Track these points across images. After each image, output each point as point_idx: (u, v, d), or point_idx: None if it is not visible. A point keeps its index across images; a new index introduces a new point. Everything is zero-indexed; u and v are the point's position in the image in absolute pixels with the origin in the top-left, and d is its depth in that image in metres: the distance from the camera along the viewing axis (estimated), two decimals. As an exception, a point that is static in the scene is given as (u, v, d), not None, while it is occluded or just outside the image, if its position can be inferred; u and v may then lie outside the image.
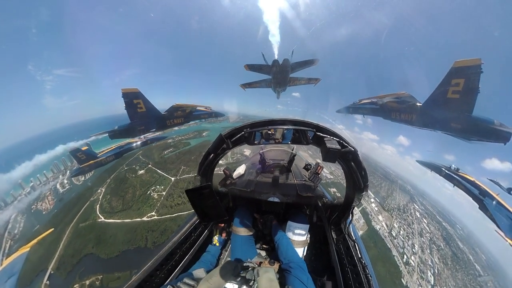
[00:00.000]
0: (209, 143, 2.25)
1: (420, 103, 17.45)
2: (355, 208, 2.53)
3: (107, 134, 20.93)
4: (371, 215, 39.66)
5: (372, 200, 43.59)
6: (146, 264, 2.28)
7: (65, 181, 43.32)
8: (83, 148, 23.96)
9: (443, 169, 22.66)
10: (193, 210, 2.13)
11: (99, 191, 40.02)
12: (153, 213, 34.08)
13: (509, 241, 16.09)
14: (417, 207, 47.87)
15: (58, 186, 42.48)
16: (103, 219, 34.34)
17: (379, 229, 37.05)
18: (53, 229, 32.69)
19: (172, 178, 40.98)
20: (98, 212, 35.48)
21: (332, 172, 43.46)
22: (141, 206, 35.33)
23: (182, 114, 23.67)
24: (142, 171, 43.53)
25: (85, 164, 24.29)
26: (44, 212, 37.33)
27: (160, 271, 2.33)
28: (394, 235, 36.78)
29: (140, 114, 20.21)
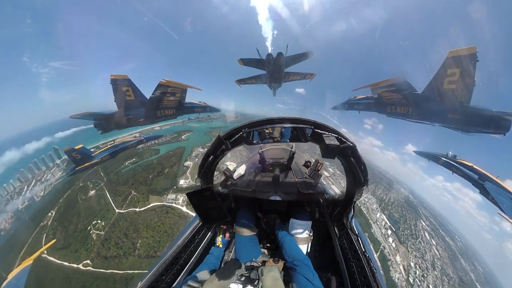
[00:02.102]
0: (181, 151, 2.39)
1: (417, 91, 17.87)
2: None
3: (93, 125, 20.66)
4: (390, 259, 39.64)
5: (390, 232, 43.52)
6: (151, 270, 2.43)
7: (27, 195, 40.89)
8: (76, 147, 23.74)
9: (440, 157, 23.40)
10: (195, 213, 2.31)
11: (49, 214, 37.69)
12: (89, 261, 32.22)
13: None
14: (424, 224, 50.24)
15: (20, 200, 40.07)
16: (45, 254, 32.46)
17: (398, 279, 37.47)
18: (55, 240, 32.56)
19: (117, 211, 37.89)
20: (43, 244, 33.51)
21: (343, 192, 39.23)
22: (79, 247, 33.47)
23: (172, 103, 22.45)
24: (93, 192, 40.37)
25: (81, 166, 24.60)
26: (2, 233, 35.27)
27: (165, 275, 2.49)
28: (411, 281, 37.54)
29: (128, 103, 20.04)
